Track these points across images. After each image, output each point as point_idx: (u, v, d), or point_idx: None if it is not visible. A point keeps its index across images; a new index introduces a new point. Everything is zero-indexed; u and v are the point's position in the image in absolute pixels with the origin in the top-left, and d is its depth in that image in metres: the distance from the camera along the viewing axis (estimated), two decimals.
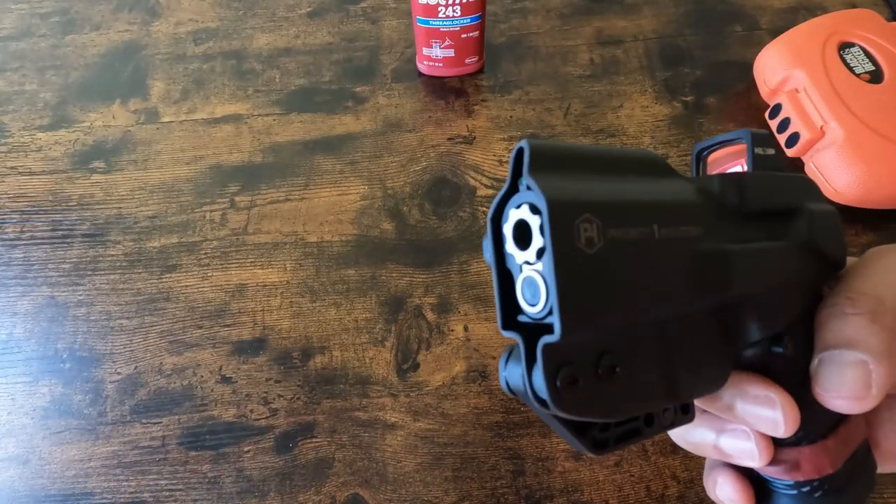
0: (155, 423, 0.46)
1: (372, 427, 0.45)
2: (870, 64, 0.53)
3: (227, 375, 0.48)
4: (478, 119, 0.60)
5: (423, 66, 0.63)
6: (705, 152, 0.25)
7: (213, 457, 0.45)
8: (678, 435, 0.24)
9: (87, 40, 0.69)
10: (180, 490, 0.44)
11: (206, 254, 0.53)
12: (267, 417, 0.46)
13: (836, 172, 0.49)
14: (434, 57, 0.61)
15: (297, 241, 0.54)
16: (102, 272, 0.53)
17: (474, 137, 0.59)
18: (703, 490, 0.41)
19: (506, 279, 0.17)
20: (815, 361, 0.21)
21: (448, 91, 0.62)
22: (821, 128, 0.50)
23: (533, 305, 0.16)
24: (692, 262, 0.18)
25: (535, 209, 0.16)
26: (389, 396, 0.46)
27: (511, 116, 0.60)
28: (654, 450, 0.43)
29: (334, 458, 0.44)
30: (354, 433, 0.45)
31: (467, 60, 0.62)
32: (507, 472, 0.43)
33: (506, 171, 0.57)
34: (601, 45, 0.65)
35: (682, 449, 0.42)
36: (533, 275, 0.16)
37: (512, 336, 0.17)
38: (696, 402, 0.22)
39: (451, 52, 0.60)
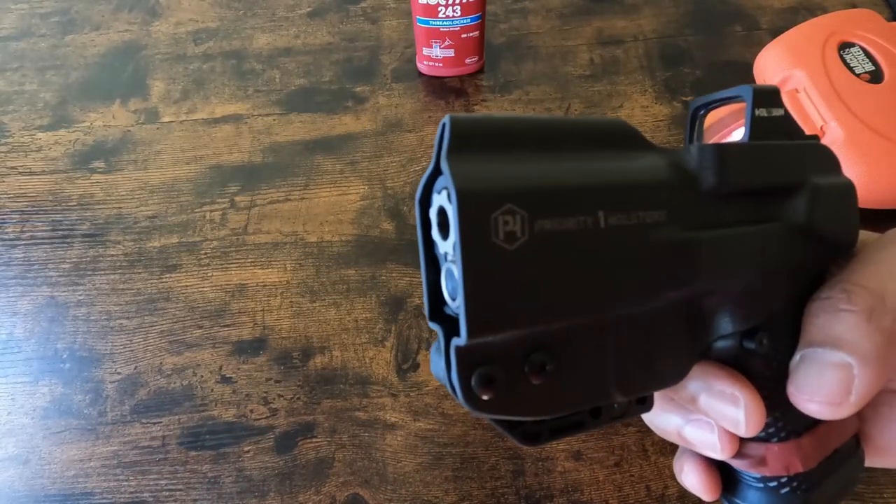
0: (155, 423, 0.46)
1: (372, 427, 0.45)
2: (870, 64, 0.53)
3: (227, 375, 0.48)
4: None
5: (423, 66, 0.63)
6: (702, 111, 0.22)
7: (213, 457, 0.45)
8: (647, 418, 0.22)
9: (87, 40, 0.69)
10: (180, 490, 0.44)
11: (206, 254, 0.53)
12: (267, 417, 0.46)
13: None
14: (434, 57, 0.61)
15: (297, 241, 0.54)
16: (102, 272, 0.53)
17: None
18: None
19: (433, 266, 0.16)
20: (797, 357, 0.19)
21: (448, 91, 0.62)
22: (821, 128, 0.50)
23: (453, 300, 0.15)
24: (647, 253, 0.16)
25: (451, 199, 0.14)
26: (389, 396, 0.46)
27: None
28: (653, 450, 0.43)
29: (334, 458, 0.44)
30: (354, 433, 0.45)
31: (467, 60, 0.62)
32: (507, 472, 0.43)
33: None
34: (601, 45, 0.65)
35: None
36: (452, 268, 0.14)
37: (435, 328, 0.15)
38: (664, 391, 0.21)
39: (451, 52, 0.60)
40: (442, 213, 0.14)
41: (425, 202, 0.15)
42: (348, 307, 0.50)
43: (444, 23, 0.58)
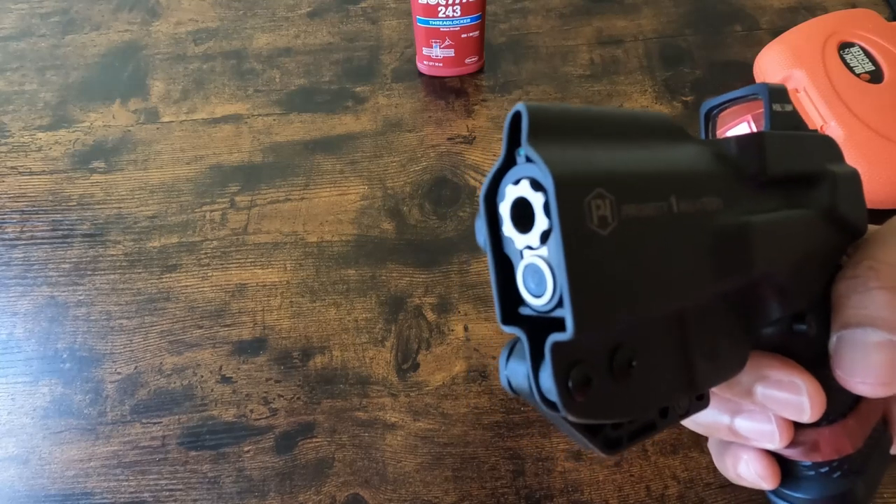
0: (155, 423, 0.46)
1: (372, 427, 0.45)
2: (870, 64, 0.53)
3: (227, 375, 0.48)
4: (478, 119, 0.60)
5: (423, 66, 0.63)
6: (715, 111, 0.23)
7: (213, 457, 0.45)
8: (689, 418, 0.22)
9: (87, 40, 0.69)
10: (180, 490, 0.44)
11: (206, 254, 0.53)
12: (267, 417, 0.46)
13: None
14: (434, 57, 0.61)
15: (297, 241, 0.54)
16: (102, 272, 0.53)
17: (474, 137, 0.59)
18: (704, 490, 0.41)
19: (504, 266, 0.15)
20: (834, 339, 0.19)
21: (448, 91, 0.62)
22: (821, 128, 0.50)
23: (538, 297, 0.14)
24: (713, 239, 0.16)
25: (537, 185, 0.13)
26: (389, 396, 0.46)
27: None
28: (654, 450, 0.43)
29: (334, 458, 0.44)
30: (354, 433, 0.45)
31: (467, 60, 0.62)
32: (507, 472, 0.43)
33: None
34: (601, 45, 0.65)
35: (683, 449, 0.43)
36: (537, 261, 0.14)
37: (514, 332, 0.15)
38: (715, 388, 0.20)
39: (451, 52, 0.60)
40: (521, 204, 0.14)
41: (492, 198, 0.15)
42: (348, 307, 0.50)
43: (444, 23, 0.58)
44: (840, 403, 0.21)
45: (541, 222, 0.13)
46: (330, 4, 0.70)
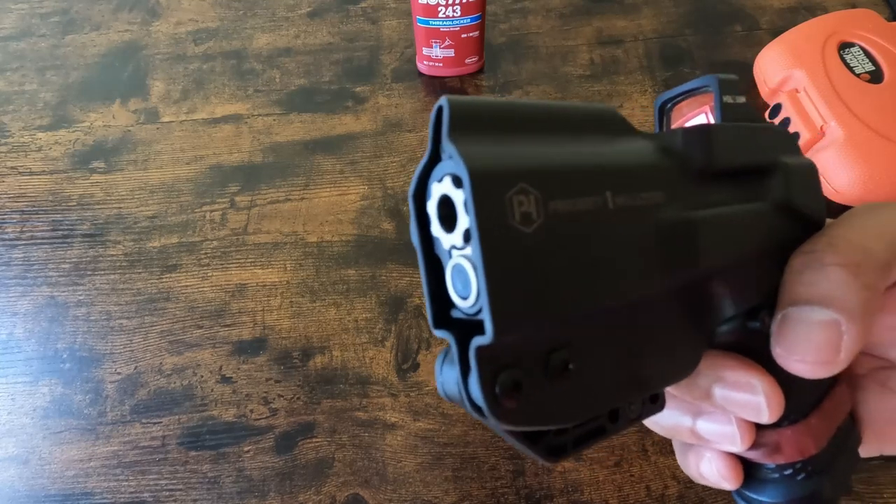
0: (155, 423, 0.46)
1: (372, 427, 0.45)
2: (870, 64, 0.53)
3: (227, 375, 0.48)
4: None
5: (423, 66, 0.63)
6: (669, 104, 0.22)
7: (213, 457, 0.45)
8: (653, 419, 0.22)
9: (87, 40, 0.69)
10: (180, 490, 0.44)
11: (206, 254, 0.53)
12: (267, 417, 0.46)
13: (836, 172, 0.49)
14: (434, 57, 0.61)
15: (297, 241, 0.54)
16: (102, 272, 0.53)
17: None
18: (704, 490, 0.41)
19: (435, 267, 0.14)
20: (779, 316, 0.18)
21: (448, 91, 0.62)
22: (821, 128, 0.50)
23: (464, 298, 0.13)
24: (654, 234, 0.15)
25: (458, 181, 0.13)
26: (389, 396, 0.46)
27: None
28: (654, 450, 0.43)
29: (334, 458, 0.44)
30: (354, 433, 0.45)
31: (467, 60, 0.62)
32: (507, 472, 0.43)
33: None
34: (601, 45, 0.65)
35: None
36: (462, 262, 0.13)
37: (444, 336, 0.14)
38: (674, 391, 0.20)
39: (451, 52, 0.60)
40: (445, 202, 0.13)
41: (421, 196, 0.14)
42: (348, 307, 0.50)
43: (444, 23, 0.58)
44: (802, 403, 0.20)
45: (462, 220, 0.13)
46: (330, 4, 0.70)
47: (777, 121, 0.54)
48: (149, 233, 0.55)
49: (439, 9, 0.56)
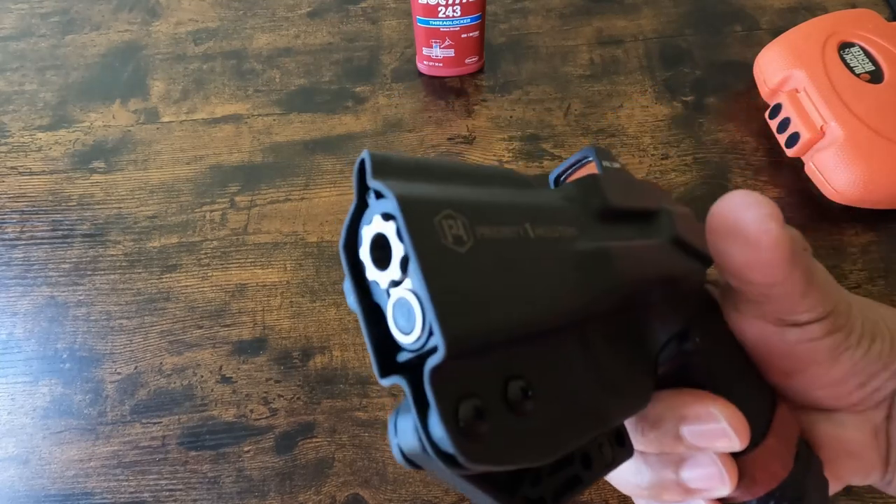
0: (155, 423, 0.46)
1: (372, 427, 0.45)
2: (870, 64, 0.53)
3: (227, 375, 0.48)
4: (478, 119, 0.60)
5: (423, 66, 0.63)
6: (562, 178, 0.24)
7: (213, 457, 0.45)
8: (633, 486, 0.22)
9: (87, 40, 0.69)
10: (180, 490, 0.44)
11: (206, 254, 0.53)
12: (267, 417, 0.46)
13: (836, 172, 0.49)
14: (434, 57, 0.61)
15: (297, 241, 0.54)
16: (102, 272, 0.53)
17: (474, 137, 0.59)
18: None
19: (375, 316, 0.14)
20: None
21: (448, 91, 0.62)
22: (821, 128, 0.50)
23: (408, 334, 0.13)
24: (575, 261, 0.16)
25: (387, 216, 0.13)
26: (389, 396, 0.46)
27: (511, 116, 0.60)
28: None
29: (334, 458, 0.44)
30: (354, 433, 0.45)
31: (467, 60, 0.62)
32: None
33: None
34: (601, 45, 0.65)
35: None
36: (403, 294, 0.13)
37: (394, 381, 0.13)
38: (645, 448, 0.20)
39: (451, 52, 0.60)
40: (378, 241, 0.14)
41: (352, 246, 0.15)
42: (348, 307, 0.50)
43: (444, 23, 0.58)
44: (754, 424, 0.20)
45: (397, 250, 0.13)
46: (330, 4, 0.70)
47: (777, 121, 0.54)
48: (149, 233, 0.55)
49: (439, 9, 0.56)
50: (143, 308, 0.51)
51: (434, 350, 0.12)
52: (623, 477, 0.22)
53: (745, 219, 0.18)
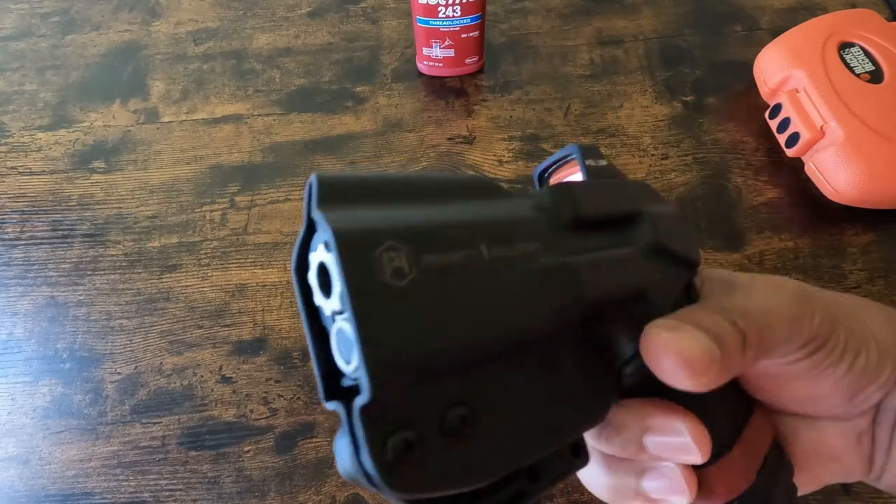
0: (155, 423, 0.46)
1: None
2: (870, 64, 0.53)
3: (227, 375, 0.48)
4: (478, 119, 0.60)
5: (423, 66, 0.63)
6: (546, 175, 0.24)
7: (213, 457, 0.45)
8: (599, 485, 0.22)
9: (87, 40, 0.69)
10: (180, 490, 0.44)
11: (206, 254, 0.53)
12: (267, 417, 0.46)
13: (836, 172, 0.49)
14: (434, 57, 0.61)
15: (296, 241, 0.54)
16: (102, 272, 0.53)
17: (474, 137, 0.59)
18: None
19: (322, 339, 0.14)
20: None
21: (448, 91, 0.62)
22: (821, 128, 0.50)
23: (349, 363, 0.13)
24: (533, 279, 0.16)
25: (329, 246, 0.13)
26: None
27: (511, 116, 0.60)
28: None
29: (334, 458, 0.44)
30: None
31: (467, 60, 0.62)
32: None
33: (506, 172, 0.57)
34: (601, 45, 0.65)
35: None
36: (343, 325, 0.13)
37: (334, 407, 0.14)
38: (610, 452, 0.20)
39: (451, 52, 0.60)
40: (323, 269, 0.14)
41: (303, 269, 0.15)
42: None
43: (444, 23, 0.58)
44: (721, 436, 0.20)
45: (337, 283, 0.13)
46: (330, 4, 0.70)
47: (777, 121, 0.54)
48: (149, 233, 0.55)
49: (439, 9, 0.56)
50: (143, 308, 0.51)
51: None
52: (587, 479, 0.22)
53: (663, 368, 0.18)
